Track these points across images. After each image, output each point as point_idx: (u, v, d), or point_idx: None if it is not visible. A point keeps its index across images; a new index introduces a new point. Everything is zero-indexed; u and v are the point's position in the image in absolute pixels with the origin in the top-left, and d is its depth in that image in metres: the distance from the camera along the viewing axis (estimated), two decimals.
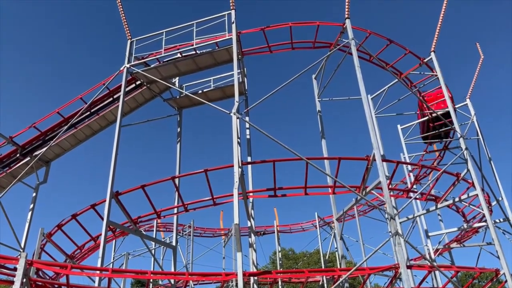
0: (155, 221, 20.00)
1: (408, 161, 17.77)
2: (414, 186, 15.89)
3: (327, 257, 22.00)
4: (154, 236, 20.93)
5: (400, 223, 14.98)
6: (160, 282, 22.07)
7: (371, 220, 28.41)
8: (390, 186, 12.52)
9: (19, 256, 8.99)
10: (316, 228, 22.58)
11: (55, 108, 15.38)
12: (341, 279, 9.80)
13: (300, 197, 23.13)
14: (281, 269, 23.93)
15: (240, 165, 10.50)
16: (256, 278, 11.01)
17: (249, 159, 13.37)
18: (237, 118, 10.97)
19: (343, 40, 13.97)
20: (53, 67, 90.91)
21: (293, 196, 12.88)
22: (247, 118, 13.10)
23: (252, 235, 12.39)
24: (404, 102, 16.97)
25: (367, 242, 25.87)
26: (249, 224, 12.43)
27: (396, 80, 15.57)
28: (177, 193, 13.64)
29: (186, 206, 13.15)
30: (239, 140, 10.99)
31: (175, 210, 14.01)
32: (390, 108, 17.15)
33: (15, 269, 9.11)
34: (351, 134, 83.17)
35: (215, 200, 12.81)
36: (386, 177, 10.43)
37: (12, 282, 10.16)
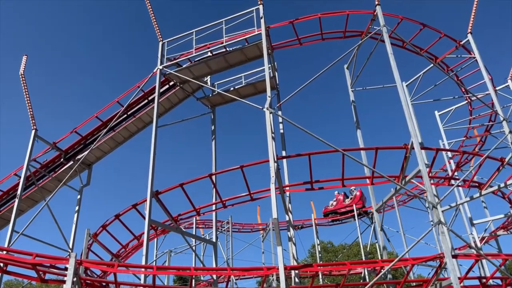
0: (195, 218, 20.35)
1: (447, 147, 17.25)
2: (456, 173, 15.42)
3: (367, 249, 21.67)
4: (194, 233, 21.33)
5: (443, 211, 14.57)
6: (202, 278, 22.49)
7: (411, 210, 27.79)
8: (430, 174, 12.19)
9: (68, 256, 9.39)
10: (355, 220, 22.31)
11: (93, 112, 15.94)
12: (383, 271, 9.66)
13: (337, 190, 22.91)
14: (321, 262, 23.83)
15: (275, 159, 10.51)
16: (297, 271, 11.02)
17: (283, 154, 13.36)
18: (270, 113, 10.99)
19: (375, 27, 13.67)
20: (88, 71, 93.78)
21: (330, 188, 12.80)
22: (279, 113, 13.09)
23: (291, 229, 12.40)
24: (441, 88, 16.44)
25: (408, 232, 25.37)
26: (287, 218, 12.45)
27: (432, 65, 15.10)
28: (214, 190, 13.82)
29: (224, 202, 13.31)
30: (273, 135, 11.01)
31: (214, 207, 14.22)
32: (426, 94, 16.68)
33: (65, 269, 9.53)
34: (387, 123, 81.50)
35: (252, 195, 12.90)
36: (425, 165, 10.17)
37: (63, 282, 10.64)
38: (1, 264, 9.79)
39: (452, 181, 13.89)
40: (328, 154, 11.48)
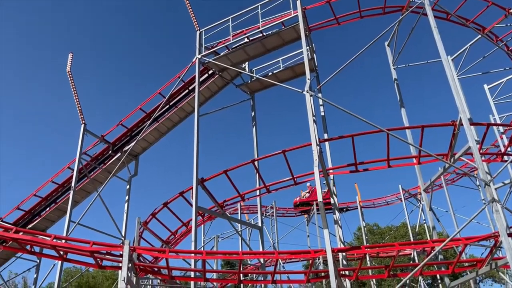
0: (239, 204, 20.60)
1: (499, 122, 16.43)
2: (509, 149, 14.69)
3: (416, 230, 21.20)
4: (239, 218, 21.66)
5: (496, 189, 13.98)
6: (249, 262, 22.87)
7: (460, 188, 26.86)
8: (481, 151, 11.69)
9: (122, 244, 9.82)
10: (401, 201, 21.83)
11: (137, 105, 16.41)
12: (434, 252, 9.43)
13: (379, 172, 22.42)
14: (368, 244, 23.58)
15: (317, 143, 10.43)
16: (344, 254, 10.97)
17: (325, 136, 13.23)
18: (310, 95, 10.87)
19: (416, 1, 13.13)
20: (129, 64, 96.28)
21: (375, 169, 12.56)
22: (320, 95, 12.93)
23: (336, 211, 12.33)
24: (490, 60, 15.62)
25: (458, 212, 24.56)
26: (332, 201, 12.38)
27: (479, 36, 14.35)
28: (257, 175, 13.94)
29: (268, 187, 13.40)
30: (314, 118, 10.90)
31: (258, 192, 14.35)
32: (474, 67, 15.90)
33: (120, 256, 9.98)
34: (433, 100, 78.67)
35: (295, 179, 12.90)
36: (476, 142, 9.77)
37: (119, 268, 11.15)
38: (62, 253, 10.39)
39: (505, 157, 13.26)
40: (372, 134, 11.25)
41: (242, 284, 19.72)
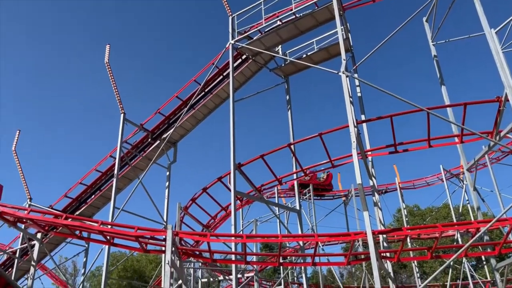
0: (276, 187, 20.72)
1: None
2: None
3: (460, 211, 20.63)
4: (276, 202, 21.79)
5: None
6: (288, 245, 23.04)
7: (505, 167, 25.80)
8: None
9: (165, 229, 10.13)
10: (443, 181, 21.25)
11: (173, 92, 16.70)
12: (479, 232, 9.17)
13: (419, 152, 21.83)
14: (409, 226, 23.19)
15: (355, 124, 10.27)
16: (385, 236, 10.87)
17: (363, 117, 13.01)
18: (346, 76, 10.68)
19: None
20: (163, 52, 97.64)
21: (415, 150, 12.27)
22: (356, 75, 12.70)
23: (376, 193, 12.17)
24: None
25: (504, 191, 23.64)
26: (371, 183, 12.23)
27: None
28: (294, 159, 13.95)
29: (305, 170, 13.38)
30: (350, 99, 10.73)
31: (295, 176, 14.38)
32: None
33: (163, 240, 10.31)
34: (475, 76, 75.43)
35: (333, 162, 12.82)
36: None
37: (162, 251, 11.53)
38: (108, 237, 10.85)
39: None
40: (411, 114, 10.97)
41: (282, 267, 19.96)
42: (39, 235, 11.86)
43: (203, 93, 16.62)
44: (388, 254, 10.11)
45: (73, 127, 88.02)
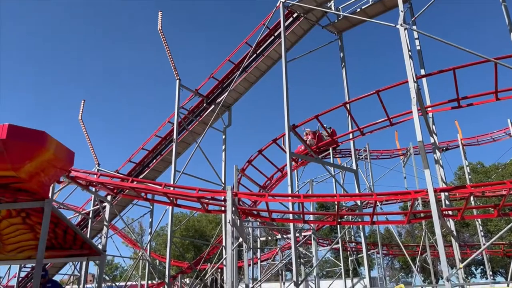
0: (331, 148, 20.56)
1: None
2: None
3: None
4: (331, 162, 21.68)
5: None
6: (344, 204, 23.05)
7: None
8: None
9: (225, 190, 10.49)
10: (510, 136, 20.04)
11: (226, 56, 16.76)
12: None
13: (484, 107, 20.59)
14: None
15: (415, 79, 9.85)
16: (447, 194, 10.56)
17: (423, 72, 12.41)
18: (405, 29, 10.16)
19: None
20: (213, 15, 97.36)
21: (480, 104, 11.58)
22: (414, 28, 12.02)
23: (437, 151, 11.76)
24: None
25: None
26: (432, 140, 11.80)
27: None
28: (350, 118, 13.70)
29: (361, 129, 13.12)
30: (409, 53, 10.25)
31: (351, 136, 14.16)
32: None
33: (223, 200, 10.71)
34: None
35: (391, 120, 12.44)
36: None
37: (222, 211, 11.99)
38: (172, 199, 11.43)
39: None
40: (475, 66, 10.31)
41: (339, 226, 20.11)
42: (109, 198, 12.73)
43: (254, 55, 16.53)
44: (450, 212, 9.86)
45: (132, 94, 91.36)
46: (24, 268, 18.59)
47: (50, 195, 9.44)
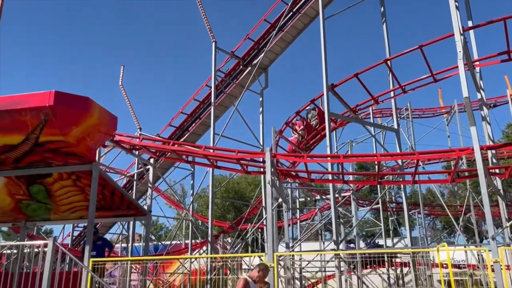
0: (371, 108, 20.09)
1: None
2: None
3: None
4: (372, 122, 21.23)
5: None
6: (384, 164, 22.72)
7: None
8: None
9: (263, 151, 10.55)
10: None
11: (261, 16, 16.44)
12: None
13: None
14: None
15: (461, 32, 9.29)
16: (494, 151, 10.14)
17: (470, 24, 11.68)
18: None
19: None
20: None
21: None
22: None
23: (484, 108, 11.22)
24: None
25: None
26: (478, 97, 11.24)
27: None
28: (391, 75, 13.24)
29: (403, 87, 12.69)
30: (456, 3, 9.63)
31: (392, 94, 13.74)
32: None
33: (262, 162, 10.80)
34: None
35: (435, 76, 11.93)
36: None
37: (261, 172, 12.13)
38: (212, 161, 11.65)
39: None
40: None
41: (379, 186, 19.92)
42: (151, 161, 13.13)
43: (291, 13, 16.10)
44: (497, 171, 9.51)
45: (168, 59, 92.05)
46: (77, 227, 19.81)
47: (96, 158, 9.85)
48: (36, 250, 9.79)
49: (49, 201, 9.46)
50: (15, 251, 11.18)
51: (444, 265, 12.39)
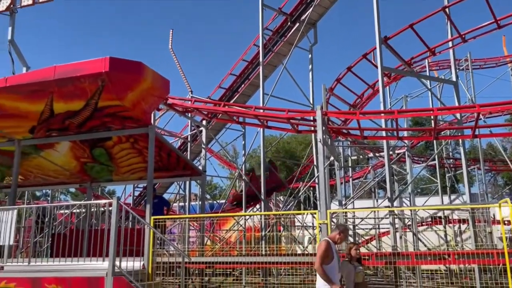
0: (427, 60, 19.08)
1: None
2: None
3: None
4: (428, 75, 20.21)
5: None
6: (441, 119, 21.77)
7: None
8: None
9: (315, 109, 10.42)
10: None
11: None
12: None
13: None
14: None
15: None
16: None
17: None
18: None
19: None
20: None
21: None
22: None
23: None
24: None
25: None
26: None
27: None
28: (449, 23, 12.42)
29: (463, 36, 11.89)
30: None
31: (450, 44, 12.94)
32: None
33: (313, 120, 10.70)
34: None
35: (498, 22, 11.06)
36: None
37: (312, 131, 12.06)
38: (262, 121, 11.71)
39: None
40: None
41: (435, 142, 19.21)
42: (204, 122, 13.43)
43: None
44: None
45: (216, 19, 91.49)
46: (137, 188, 20.93)
47: (152, 121, 10.21)
48: (101, 209, 10.54)
49: (111, 163, 10.02)
50: (83, 210, 12.05)
51: (506, 222, 11.93)
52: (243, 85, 18.92)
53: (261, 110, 11.67)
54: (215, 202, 25.22)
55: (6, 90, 7.09)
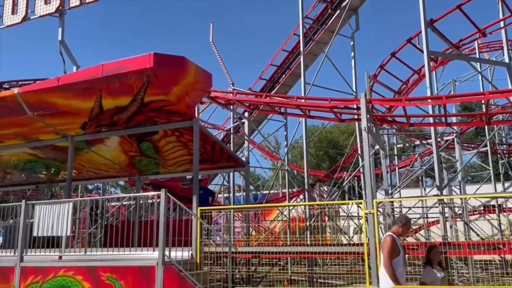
0: (476, 42, 18.17)
1: None
2: None
3: None
4: (477, 58, 19.26)
5: None
6: (492, 102, 20.72)
7: None
8: None
9: (359, 97, 10.21)
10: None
11: None
12: None
13: None
14: None
15: None
16: None
17: None
18: None
19: None
20: None
21: None
22: None
23: None
24: None
25: None
26: None
27: None
28: (500, 2, 11.76)
29: None
30: None
31: (502, 24, 12.27)
32: None
33: (357, 109, 10.50)
34: None
35: None
36: None
37: (356, 120, 11.84)
38: (304, 111, 11.62)
39: None
40: None
41: (487, 127, 18.34)
42: (246, 114, 13.53)
43: None
44: None
45: (253, 10, 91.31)
46: None
47: (196, 115, 10.41)
48: (150, 201, 10.90)
49: (158, 156, 10.34)
50: (133, 202, 12.52)
51: None
52: (284, 76, 18.84)
53: (303, 100, 11.58)
54: (259, 193, 25.39)
55: (59, 89, 7.47)
